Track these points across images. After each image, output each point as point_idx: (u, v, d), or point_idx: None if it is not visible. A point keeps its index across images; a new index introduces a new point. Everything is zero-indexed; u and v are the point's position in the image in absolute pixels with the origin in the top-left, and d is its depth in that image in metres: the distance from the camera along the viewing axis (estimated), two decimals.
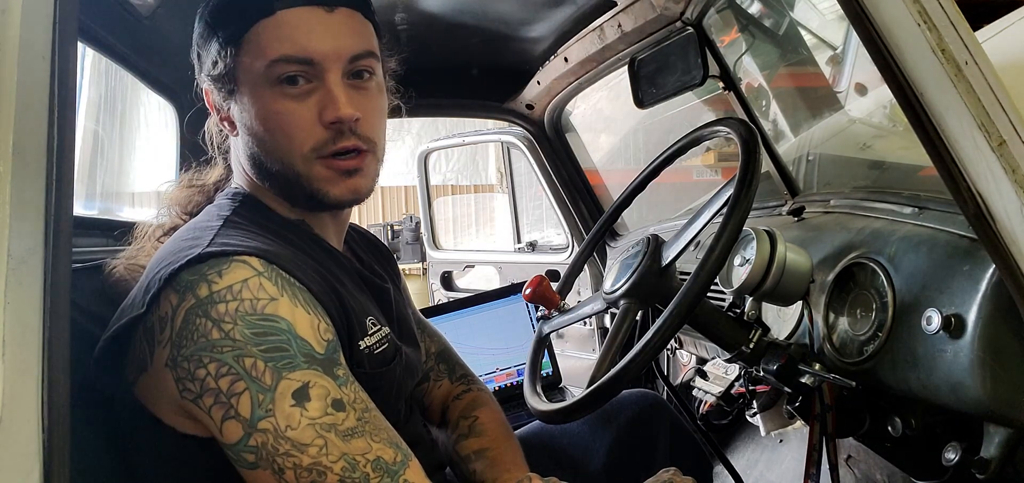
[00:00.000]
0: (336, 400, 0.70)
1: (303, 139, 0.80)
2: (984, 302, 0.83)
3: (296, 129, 0.80)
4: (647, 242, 1.07)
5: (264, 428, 0.67)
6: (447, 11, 1.54)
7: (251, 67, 0.79)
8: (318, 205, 0.85)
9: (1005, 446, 0.86)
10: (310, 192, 0.83)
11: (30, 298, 0.50)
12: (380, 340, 0.84)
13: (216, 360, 0.68)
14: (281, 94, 0.79)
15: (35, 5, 0.52)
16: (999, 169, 0.70)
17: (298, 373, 0.69)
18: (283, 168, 0.82)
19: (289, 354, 0.69)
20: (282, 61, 0.78)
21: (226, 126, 0.86)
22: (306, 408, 0.68)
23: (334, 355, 0.73)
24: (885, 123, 2.05)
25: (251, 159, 0.85)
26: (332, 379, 0.71)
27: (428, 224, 3.26)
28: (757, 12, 2.62)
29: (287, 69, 0.78)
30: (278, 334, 0.70)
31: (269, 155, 0.82)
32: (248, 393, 0.67)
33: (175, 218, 0.93)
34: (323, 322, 0.74)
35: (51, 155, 0.53)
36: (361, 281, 0.92)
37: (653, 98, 1.74)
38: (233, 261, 0.72)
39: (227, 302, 0.69)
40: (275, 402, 0.67)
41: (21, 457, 0.49)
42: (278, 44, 0.78)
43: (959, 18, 0.71)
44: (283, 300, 0.71)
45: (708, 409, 1.61)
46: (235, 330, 0.68)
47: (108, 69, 1.98)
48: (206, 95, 0.86)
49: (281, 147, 0.81)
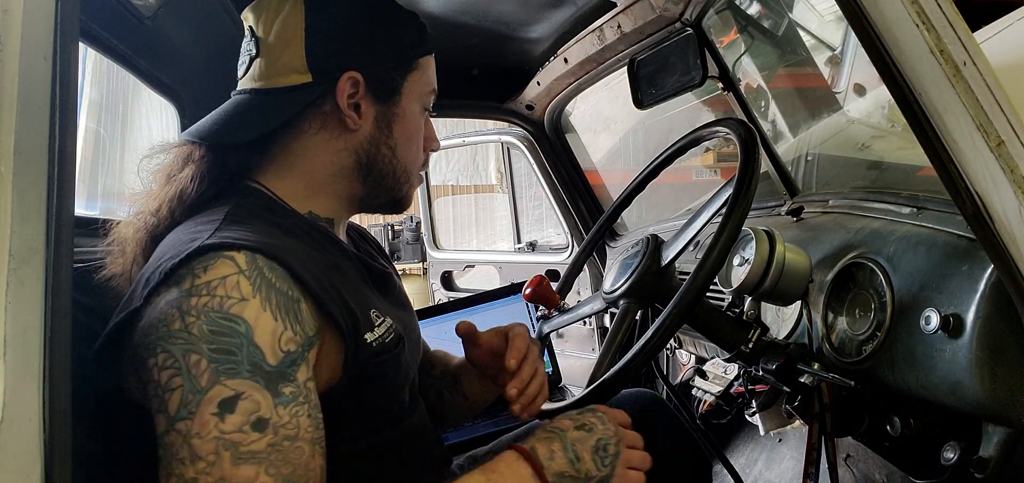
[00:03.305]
0: (260, 419, 0.67)
1: (418, 156, 0.98)
2: (982, 302, 0.83)
3: (421, 147, 0.98)
4: (647, 242, 1.07)
5: (179, 428, 0.65)
6: (447, 11, 1.54)
7: (418, 86, 0.95)
8: (398, 206, 0.99)
9: (1003, 445, 0.86)
10: (404, 194, 0.98)
11: (31, 298, 0.50)
12: (387, 330, 0.84)
13: (166, 351, 0.67)
14: (423, 116, 0.97)
15: (37, 6, 0.52)
16: (997, 169, 0.71)
17: (235, 381, 0.67)
18: (403, 171, 0.96)
19: (235, 359, 0.67)
20: (433, 93, 0.98)
21: (353, 115, 0.89)
22: (224, 420, 0.65)
23: (288, 369, 0.70)
24: (884, 123, 2.06)
25: (367, 154, 0.92)
26: (271, 394, 0.68)
27: (428, 224, 3.26)
28: (756, 13, 2.62)
29: (431, 99, 0.98)
30: (234, 336, 0.68)
31: (398, 158, 0.95)
32: (180, 391, 0.66)
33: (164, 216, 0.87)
34: (289, 331, 0.71)
35: (52, 155, 0.53)
36: (365, 270, 0.93)
37: (652, 99, 1.74)
38: (221, 256, 0.71)
39: (201, 296, 0.68)
40: (200, 406, 0.65)
41: (22, 457, 0.49)
42: (432, 78, 0.97)
43: (957, 18, 0.71)
44: (253, 302, 0.70)
45: (707, 408, 1.62)
46: (195, 325, 0.67)
47: (110, 70, 1.98)
48: (345, 80, 0.87)
49: (412, 156, 0.97)
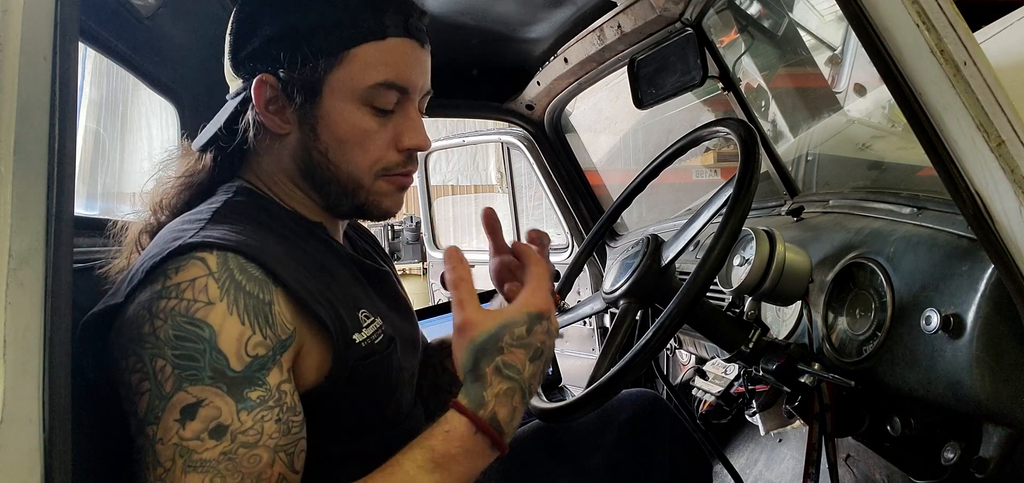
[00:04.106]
0: (219, 426, 0.66)
1: (377, 158, 0.85)
2: (983, 302, 0.83)
3: (374, 148, 0.84)
4: (647, 242, 1.07)
5: (147, 433, 0.66)
6: (447, 11, 1.54)
7: (347, 80, 0.82)
8: (364, 215, 0.89)
9: (1004, 446, 0.86)
10: (364, 203, 0.87)
11: (31, 298, 0.50)
12: (375, 331, 0.84)
13: (136, 354, 0.67)
14: (369, 112, 0.83)
15: (36, 6, 0.52)
16: (998, 169, 0.70)
17: (197, 388, 0.67)
18: (348, 178, 0.85)
19: (197, 366, 0.67)
20: (384, 85, 0.82)
21: (276, 122, 0.84)
22: (184, 427, 0.66)
23: (256, 374, 0.69)
24: (884, 123, 2.06)
25: (305, 160, 0.85)
26: (234, 400, 0.67)
27: (428, 224, 3.26)
28: (756, 13, 2.62)
29: (387, 94, 0.83)
30: (196, 342, 0.67)
31: (335, 163, 0.84)
32: (148, 396, 0.66)
33: (161, 215, 0.89)
34: (257, 335, 0.70)
35: (52, 155, 0.53)
36: (358, 269, 0.91)
37: (653, 99, 1.74)
38: (192, 258, 0.70)
39: (169, 299, 0.68)
40: (164, 412, 0.66)
41: (22, 457, 0.49)
42: (384, 68, 0.82)
43: (958, 18, 0.71)
44: (218, 306, 0.69)
45: (708, 408, 1.62)
46: (162, 329, 0.67)
47: (109, 70, 1.99)
48: (260, 84, 0.83)
49: (355, 160, 0.84)
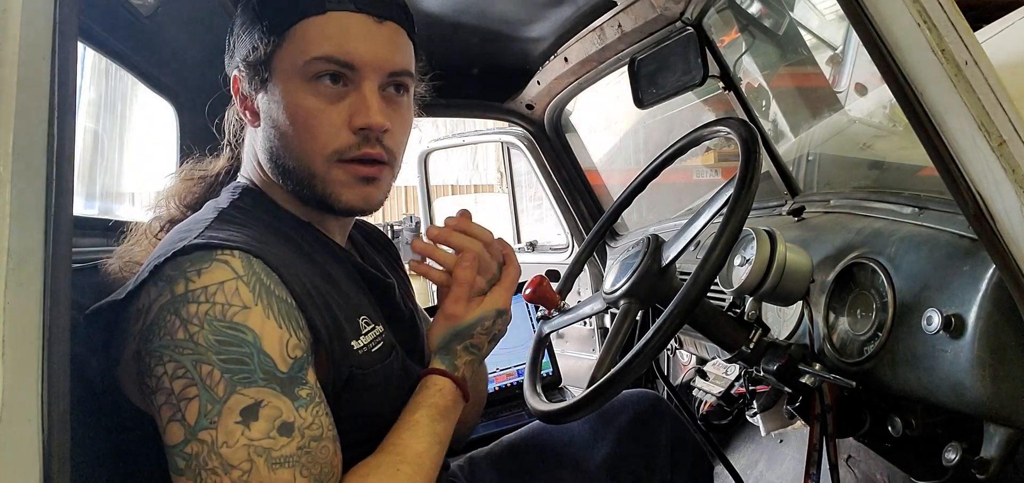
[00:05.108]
0: (285, 423, 0.67)
1: (327, 140, 0.80)
2: (984, 302, 0.83)
3: (322, 128, 0.80)
4: (647, 242, 1.07)
5: (203, 438, 0.65)
6: (447, 11, 1.54)
7: (290, 60, 0.79)
8: (328, 208, 0.85)
9: (1005, 446, 0.86)
10: (323, 194, 0.83)
11: (30, 298, 0.50)
12: (375, 339, 0.83)
13: (175, 360, 0.67)
14: (314, 92, 0.79)
15: (35, 5, 0.52)
16: (999, 169, 0.70)
17: (253, 390, 0.67)
18: (300, 166, 0.82)
19: (248, 369, 0.67)
20: (323, 60, 0.78)
21: (248, 116, 0.85)
22: (250, 427, 0.66)
23: (299, 374, 0.71)
24: (885, 123, 2.06)
25: (269, 153, 0.84)
26: (290, 399, 0.69)
27: (428, 224, 3.26)
28: (757, 12, 2.62)
29: (326, 68, 0.79)
30: (242, 346, 0.67)
31: (289, 150, 0.82)
32: (198, 400, 0.66)
33: (173, 211, 0.91)
34: (294, 338, 0.71)
35: (51, 155, 0.53)
36: (360, 277, 0.91)
37: (653, 98, 1.74)
38: (215, 260, 0.70)
39: (199, 303, 0.68)
40: (222, 415, 0.65)
41: (21, 457, 0.49)
42: (323, 42, 0.78)
43: (959, 18, 0.71)
44: (255, 310, 0.69)
45: (708, 409, 1.62)
46: (200, 334, 0.67)
47: (108, 69, 1.98)
48: (234, 82, 0.85)
49: (304, 144, 0.80)
